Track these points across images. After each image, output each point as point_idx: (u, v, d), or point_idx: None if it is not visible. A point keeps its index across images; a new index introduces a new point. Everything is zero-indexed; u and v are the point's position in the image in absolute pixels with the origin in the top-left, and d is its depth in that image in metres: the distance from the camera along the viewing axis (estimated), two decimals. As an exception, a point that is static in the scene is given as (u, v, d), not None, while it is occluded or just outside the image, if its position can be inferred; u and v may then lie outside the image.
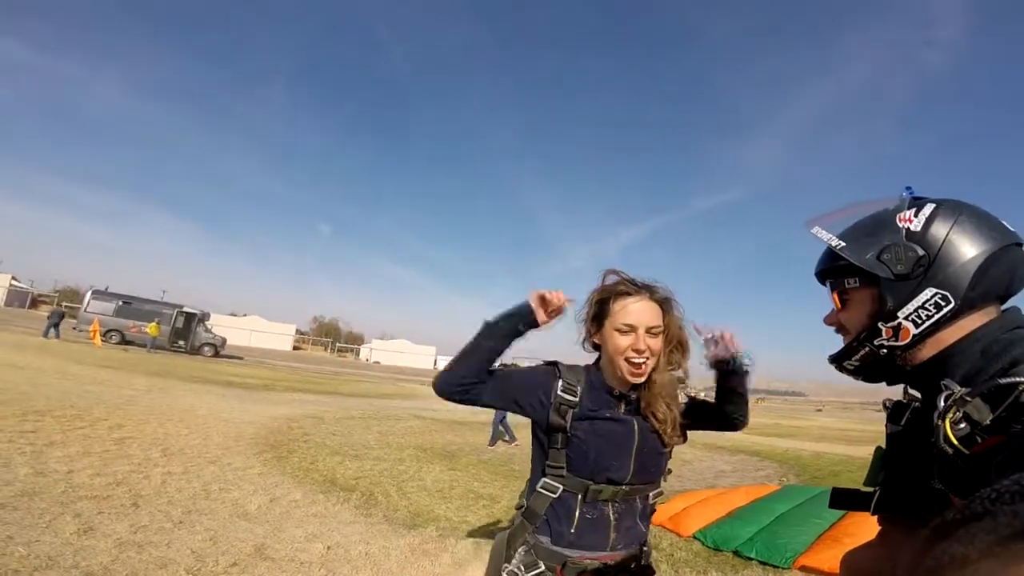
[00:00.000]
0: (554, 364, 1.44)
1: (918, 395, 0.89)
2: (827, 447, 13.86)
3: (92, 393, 8.50)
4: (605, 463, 1.33)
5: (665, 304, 1.38)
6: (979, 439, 0.65)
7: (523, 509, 1.41)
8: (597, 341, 1.42)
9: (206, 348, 25.76)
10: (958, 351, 0.80)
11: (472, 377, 1.37)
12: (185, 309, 25.66)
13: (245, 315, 62.64)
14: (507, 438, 9.08)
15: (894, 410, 0.92)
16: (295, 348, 62.74)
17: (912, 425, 0.87)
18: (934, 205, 0.84)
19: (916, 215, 0.83)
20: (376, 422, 9.84)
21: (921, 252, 0.80)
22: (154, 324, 23.35)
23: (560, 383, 1.38)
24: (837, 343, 0.97)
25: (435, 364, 68.46)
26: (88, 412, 6.78)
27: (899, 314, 0.83)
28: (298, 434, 7.55)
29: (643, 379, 1.35)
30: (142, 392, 9.64)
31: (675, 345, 1.40)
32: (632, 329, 1.33)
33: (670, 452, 1.44)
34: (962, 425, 0.66)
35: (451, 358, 1.43)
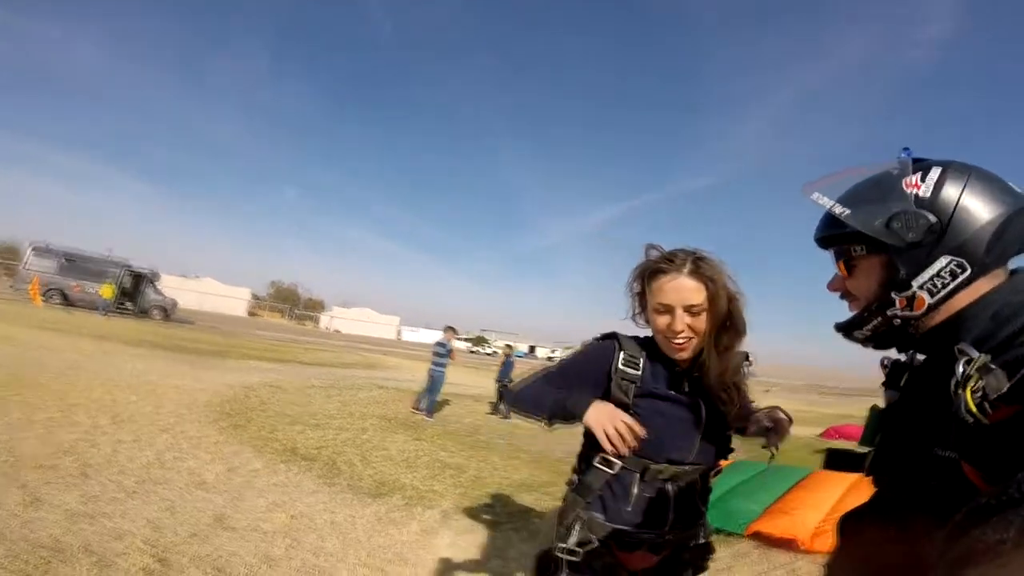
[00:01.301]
0: (614, 336, 1.36)
1: (920, 356, 0.87)
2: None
3: (33, 357, 8.04)
4: (668, 443, 1.28)
5: (708, 279, 1.24)
6: (992, 407, 0.63)
7: (575, 484, 1.36)
8: (647, 317, 1.35)
9: (155, 311, 24.65)
10: (969, 316, 0.78)
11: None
12: (134, 268, 24.47)
13: (197, 277, 60.33)
14: (424, 407, 8.47)
15: (892, 372, 0.92)
16: (250, 314, 61.04)
17: (911, 387, 0.86)
18: (941, 168, 0.81)
19: (923, 179, 0.80)
20: (337, 392, 9.72)
21: (933, 219, 0.78)
22: (107, 284, 22.17)
23: (622, 356, 1.30)
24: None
25: (398, 334, 68.01)
26: (30, 378, 6.42)
27: (913, 283, 0.81)
28: (255, 403, 7.37)
29: (687, 355, 1.28)
30: (87, 356, 9.19)
31: (723, 325, 1.27)
32: (668, 309, 1.24)
33: (732, 432, 1.39)
34: (979, 393, 0.64)
35: (524, 389, 1.42)
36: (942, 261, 0.78)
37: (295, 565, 2.87)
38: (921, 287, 0.80)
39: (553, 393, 1.33)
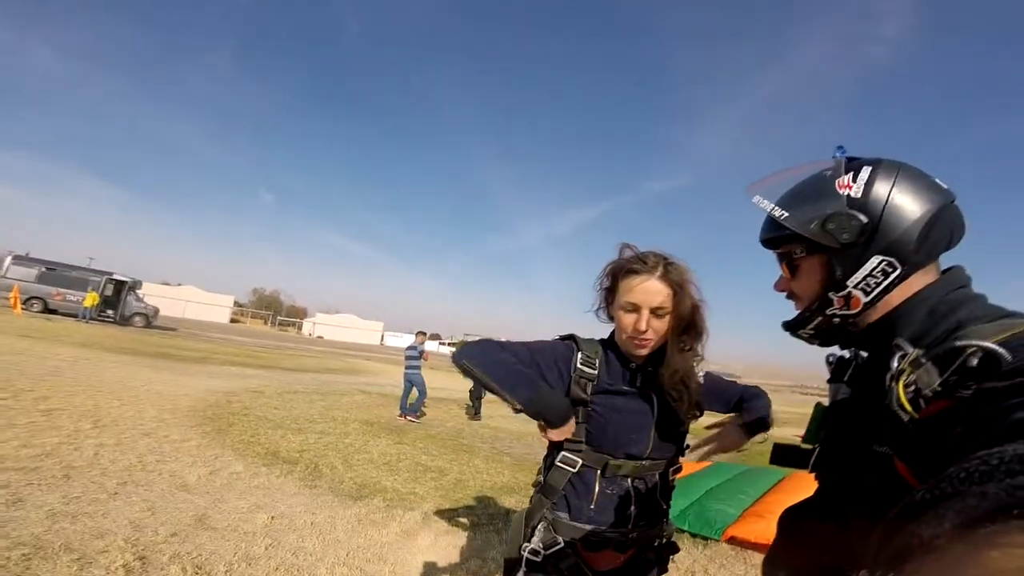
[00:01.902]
0: (571, 337, 1.40)
1: (864, 353, 0.90)
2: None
3: (12, 364, 7.95)
4: (624, 437, 1.31)
5: (676, 285, 1.28)
6: (924, 402, 0.64)
7: (540, 486, 1.38)
8: (611, 313, 1.38)
9: (137, 318, 24.35)
10: (905, 312, 0.80)
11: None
12: (115, 276, 24.16)
13: (179, 285, 59.59)
14: (410, 409, 8.72)
15: (837, 367, 0.93)
16: (233, 321, 60.33)
17: (854, 383, 0.88)
18: (871, 168, 0.82)
19: (855, 179, 0.82)
20: (320, 397, 9.71)
21: (864, 219, 0.80)
22: (91, 293, 21.91)
23: (580, 356, 1.35)
24: (774, 316, 0.95)
25: (382, 340, 67.48)
26: (9, 383, 6.36)
27: (848, 283, 0.83)
28: (237, 408, 7.36)
29: (645, 352, 1.32)
30: (68, 363, 9.09)
31: (686, 327, 1.31)
32: (635, 308, 1.28)
33: (687, 428, 1.41)
34: (912, 388, 0.65)
35: (482, 351, 1.31)
36: (874, 261, 0.80)
37: (274, 564, 2.92)
38: (856, 286, 0.82)
39: (528, 381, 1.27)
